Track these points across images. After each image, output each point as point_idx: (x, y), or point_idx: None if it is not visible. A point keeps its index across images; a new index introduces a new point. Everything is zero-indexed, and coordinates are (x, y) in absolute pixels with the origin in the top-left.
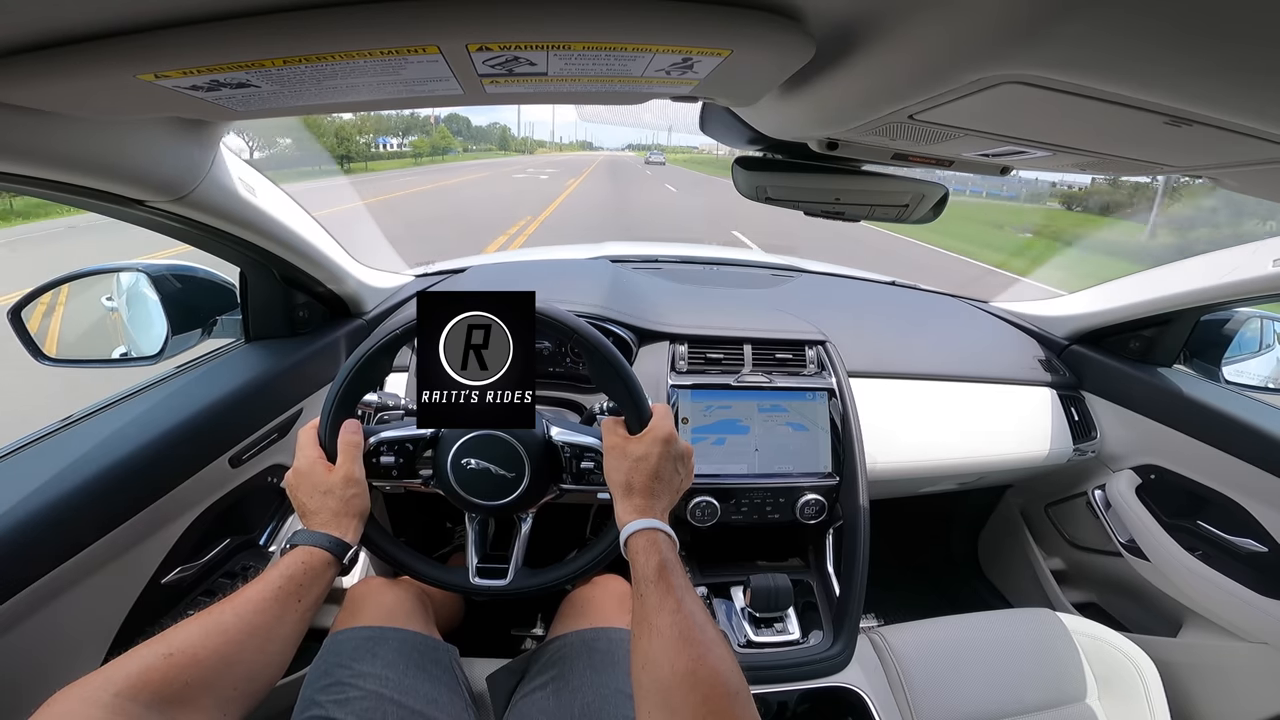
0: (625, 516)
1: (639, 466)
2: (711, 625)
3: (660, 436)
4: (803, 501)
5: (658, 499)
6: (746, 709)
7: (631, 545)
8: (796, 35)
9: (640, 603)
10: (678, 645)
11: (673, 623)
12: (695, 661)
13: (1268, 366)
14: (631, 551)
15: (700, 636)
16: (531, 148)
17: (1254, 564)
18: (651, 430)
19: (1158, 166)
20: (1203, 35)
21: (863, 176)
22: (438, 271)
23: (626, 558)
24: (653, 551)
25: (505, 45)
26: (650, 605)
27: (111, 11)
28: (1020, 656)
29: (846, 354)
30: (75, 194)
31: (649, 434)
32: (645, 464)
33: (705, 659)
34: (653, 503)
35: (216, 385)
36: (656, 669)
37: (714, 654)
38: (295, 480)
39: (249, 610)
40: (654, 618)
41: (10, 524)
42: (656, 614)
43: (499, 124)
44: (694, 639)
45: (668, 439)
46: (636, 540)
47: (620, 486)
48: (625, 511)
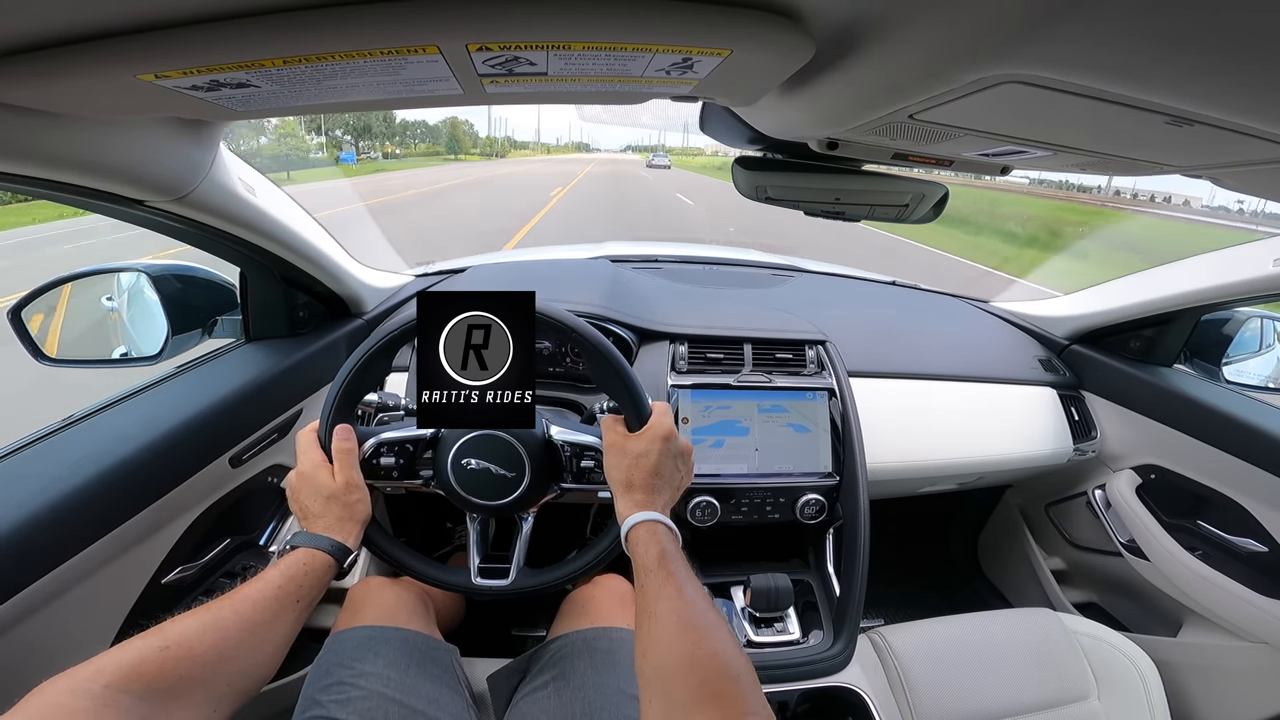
0: (626, 511)
1: (639, 463)
2: (713, 610)
3: (660, 434)
4: (803, 501)
5: (658, 494)
6: (751, 691)
7: (632, 537)
8: (796, 35)
9: (641, 592)
10: (676, 631)
11: (671, 608)
12: (694, 645)
13: (1268, 366)
14: (632, 543)
15: (700, 621)
16: (503, 149)
17: (1254, 564)
18: (651, 428)
19: (1158, 166)
20: (1203, 35)
21: (863, 176)
22: (438, 271)
23: (628, 552)
24: (653, 541)
25: (505, 45)
26: (650, 593)
27: (111, 11)
28: (1020, 656)
29: (846, 354)
30: (75, 194)
31: (649, 431)
32: (645, 461)
33: (704, 642)
34: (653, 498)
35: (216, 385)
36: (656, 656)
37: (713, 637)
38: (298, 483)
39: (248, 608)
40: (654, 605)
41: (10, 524)
42: (656, 601)
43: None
44: (693, 624)
45: (667, 436)
46: (637, 531)
47: (620, 483)
48: (626, 506)
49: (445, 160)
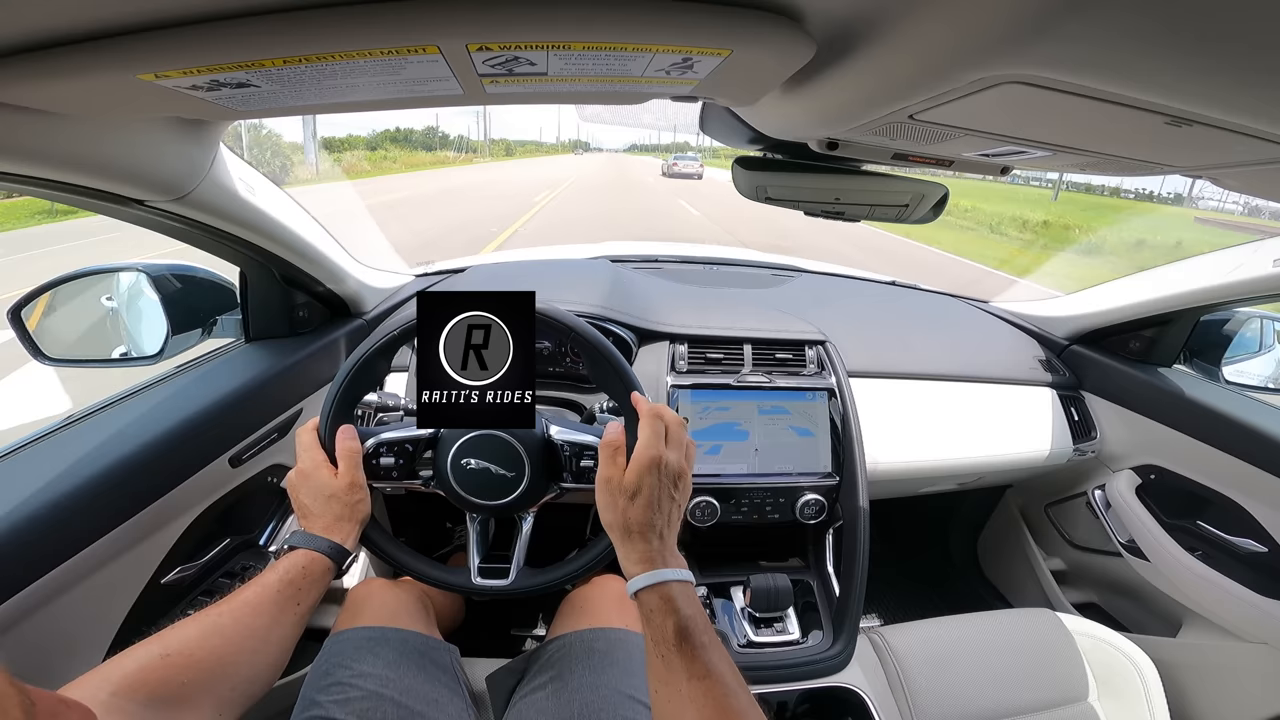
0: (631, 569)
1: (634, 505)
2: (744, 691)
3: (645, 465)
4: (803, 501)
5: (662, 536)
6: None
7: (641, 601)
8: (797, 35)
9: (662, 664)
10: (714, 717)
11: (706, 690)
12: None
13: (1268, 366)
14: (642, 608)
15: (735, 705)
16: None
17: (1254, 564)
18: (637, 459)
19: (1158, 166)
20: (1203, 35)
21: (863, 176)
22: (438, 271)
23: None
24: (668, 612)
25: (505, 45)
26: (676, 672)
27: (111, 11)
28: (1020, 656)
29: (846, 354)
30: (75, 194)
31: (635, 463)
32: (640, 500)
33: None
34: (657, 544)
35: (216, 385)
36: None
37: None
38: (298, 481)
39: (246, 613)
40: (683, 685)
41: (11, 524)
42: (685, 682)
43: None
44: (729, 708)
45: (654, 464)
46: (647, 598)
47: (618, 530)
48: (630, 562)
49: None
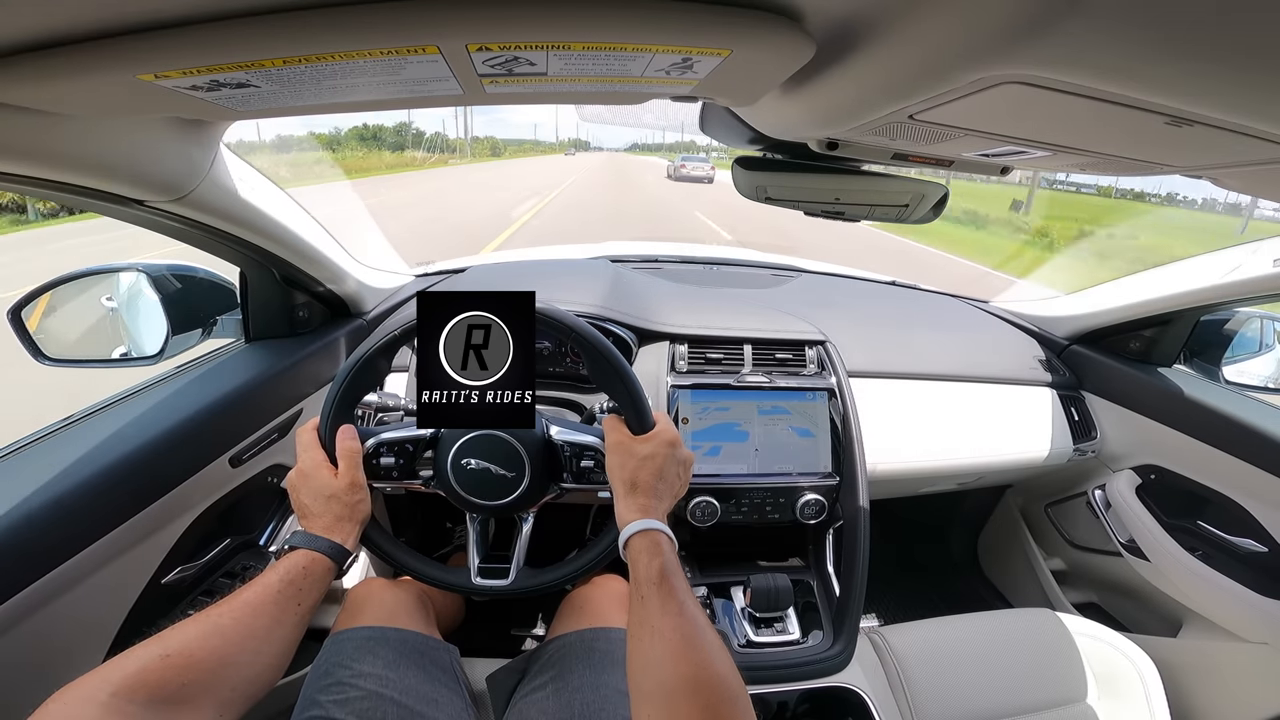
0: (628, 515)
1: (646, 465)
2: (712, 630)
3: (667, 439)
4: (803, 501)
5: (660, 499)
6: (746, 714)
7: (632, 545)
8: (796, 35)
9: (641, 605)
10: (681, 650)
11: (676, 626)
12: (699, 667)
13: (1268, 366)
14: (632, 552)
15: (703, 641)
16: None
17: (1254, 564)
18: (660, 432)
19: (1158, 166)
20: (1203, 35)
21: (863, 176)
22: (438, 271)
23: (625, 558)
24: (655, 554)
25: (505, 45)
26: (652, 608)
27: (111, 11)
28: (1020, 656)
29: (846, 354)
30: (75, 194)
31: (657, 435)
32: (652, 463)
33: (710, 665)
34: (655, 503)
35: (216, 385)
36: (659, 672)
37: (717, 660)
38: (299, 481)
39: (247, 613)
40: (656, 621)
41: (10, 524)
42: (659, 617)
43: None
44: (698, 644)
45: (674, 442)
46: (638, 541)
47: (624, 483)
48: (628, 509)
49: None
